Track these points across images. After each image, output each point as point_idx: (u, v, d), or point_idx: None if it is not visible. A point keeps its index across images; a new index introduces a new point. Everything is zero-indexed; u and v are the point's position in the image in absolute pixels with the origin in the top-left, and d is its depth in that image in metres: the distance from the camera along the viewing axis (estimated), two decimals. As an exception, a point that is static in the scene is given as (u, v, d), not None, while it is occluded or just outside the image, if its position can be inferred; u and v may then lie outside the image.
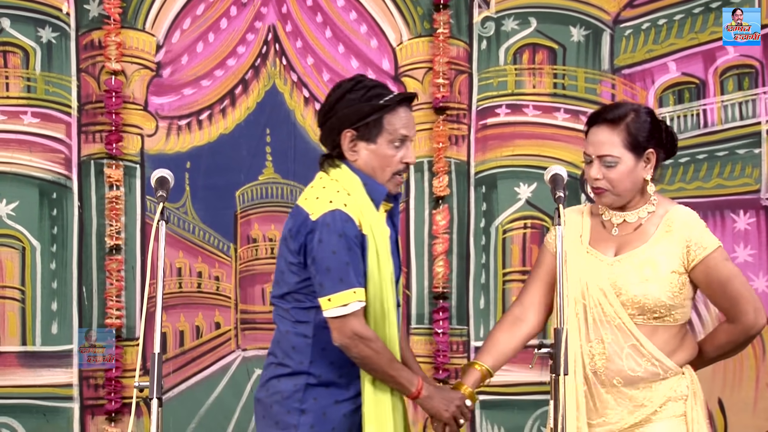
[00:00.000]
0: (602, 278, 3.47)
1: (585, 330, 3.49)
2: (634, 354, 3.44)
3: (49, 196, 5.13)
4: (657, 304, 3.43)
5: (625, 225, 3.55)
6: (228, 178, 5.18)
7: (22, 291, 5.11)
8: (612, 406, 3.47)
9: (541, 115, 5.27)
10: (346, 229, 3.42)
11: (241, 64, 5.22)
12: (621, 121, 3.48)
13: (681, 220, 3.50)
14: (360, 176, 3.52)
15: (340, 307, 3.40)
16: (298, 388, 3.52)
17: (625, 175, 3.48)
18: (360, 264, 3.43)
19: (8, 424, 5.10)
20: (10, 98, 5.12)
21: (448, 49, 5.23)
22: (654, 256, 3.46)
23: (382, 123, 3.50)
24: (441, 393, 3.56)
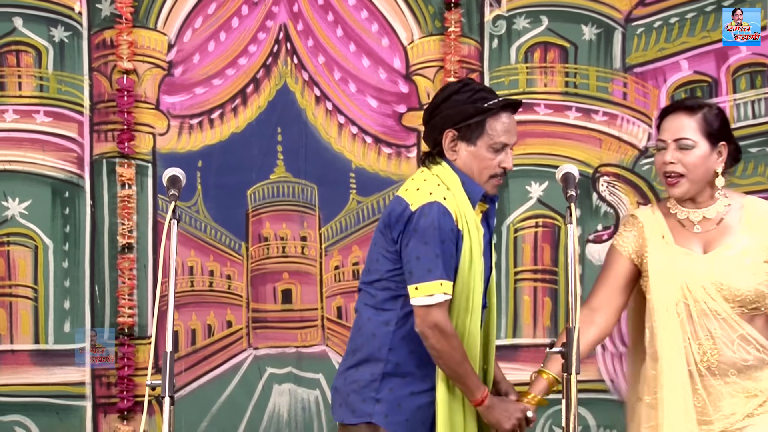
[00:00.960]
0: (701, 275, 3.48)
1: (691, 328, 3.49)
2: (743, 343, 3.46)
3: (61, 194, 5.14)
4: (757, 295, 3.46)
5: (706, 221, 3.55)
6: (239, 176, 5.19)
7: (34, 289, 5.13)
8: (726, 398, 3.48)
9: (553, 114, 5.27)
10: (442, 222, 3.47)
11: (253, 63, 5.23)
12: (699, 109, 3.51)
13: (760, 208, 3.53)
14: (459, 175, 3.57)
15: (425, 296, 3.45)
16: (375, 377, 3.57)
17: (701, 162, 3.48)
18: (451, 258, 3.48)
19: (21, 422, 5.11)
20: (22, 97, 5.13)
21: (460, 48, 5.23)
22: (745, 249, 3.49)
23: (484, 126, 3.55)
24: (503, 405, 3.60)
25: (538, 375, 3.64)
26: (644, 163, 5.28)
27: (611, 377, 5.28)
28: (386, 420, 3.56)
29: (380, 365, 3.58)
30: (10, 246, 5.11)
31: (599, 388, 5.25)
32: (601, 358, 5.27)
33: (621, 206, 5.28)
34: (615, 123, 5.29)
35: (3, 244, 5.11)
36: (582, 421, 5.21)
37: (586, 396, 5.14)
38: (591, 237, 5.29)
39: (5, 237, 5.11)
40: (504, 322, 5.24)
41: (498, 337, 5.18)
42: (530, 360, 5.21)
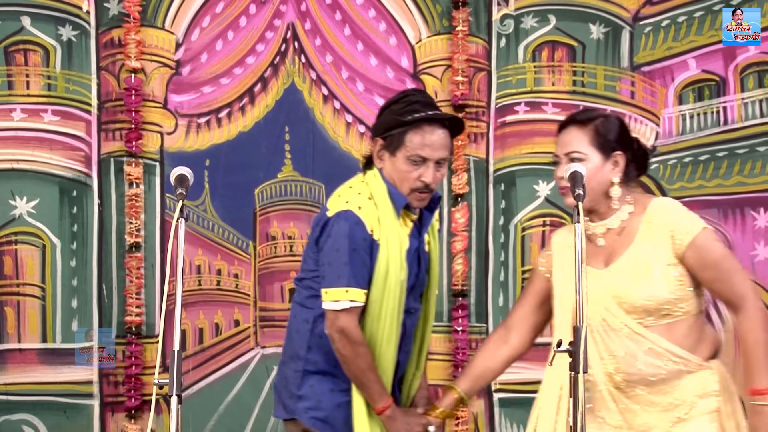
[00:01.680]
0: (600, 292, 3.46)
1: (595, 349, 3.47)
2: (651, 357, 3.42)
3: (69, 193, 5.15)
4: (660, 303, 3.41)
5: (609, 233, 3.52)
6: (247, 175, 5.19)
7: (42, 288, 5.14)
8: (644, 413, 3.45)
9: (561, 113, 5.26)
10: (353, 231, 3.52)
11: (261, 62, 5.23)
12: (590, 122, 3.50)
13: (660, 211, 3.47)
14: (386, 183, 3.61)
15: (332, 301, 3.52)
16: (298, 374, 3.65)
17: (592, 174, 3.45)
18: (362, 266, 3.52)
19: (29, 421, 5.12)
20: (30, 96, 5.14)
21: (467, 47, 5.23)
22: (644, 255, 3.44)
23: (403, 138, 3.57)
24: (405, 417, 3.63)
25: (448, 390, 3.70)
26: (652, 162, 5.26)
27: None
28: (307, 416, 3.62)
29: (301, 362, 3.65)
30: (17, 245, 5.12)
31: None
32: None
33: (629, 205, 5.27)
34: (623, 122, 5.28)
35: (11, 243, 5.12)
36: (590, 420, 5.21)
37: (592, 395, 5.13)
38: (599, 236, 5.28)
39: (13, 236, 5.12)
40: (511, 321, 5.23)
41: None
42: (537, 359, 5.15)
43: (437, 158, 3.58)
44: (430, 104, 3.63)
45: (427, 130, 3.57)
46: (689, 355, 3.44)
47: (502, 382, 5.21)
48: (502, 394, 5.23)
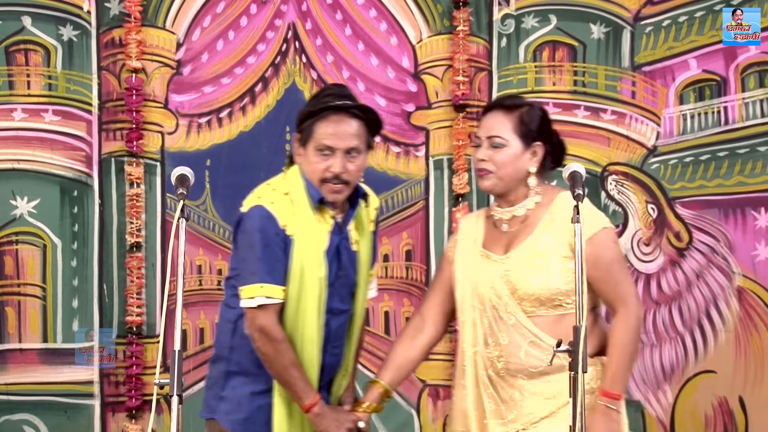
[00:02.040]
0: (495, 278, 3.48)
1: (482, 335, 3.49)
2: (533, 350, 3.43)
3: (70, 193, 5.15)
4: (552, 293, 3.42)
5: (514, 219, 3.54)
6: (248, 175, 5.19)
7: (43, 288, 5.14)
8: (521, 399, 3.46)
9: (561, 113, 5.26)
10: (265, 226, 3.49)
11: (261, 62, 5.23)
12: (516, 109, 3.52)
13: (564, 204, 3.48)
14: (304, 179, 3.58)
15: (248, 299, 3.48)
16: (221, 374, 3.62)
17: (510, 160, 3.48)
18: (276, 262, 3.48)
19: (30, 421, 5.12)
20: (31, 96, 5.14)
21: (468, 47, 5.23)
22: (542, 246, 3.46)
23: (312, 129, 3.55)
24: (333, 414, 3.58)
25: (372, 384, 3.67)
26: (653, 162, 5.27)
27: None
28: (227, 417, 3.59)
29: (224, 363, 3.62)
30: (18, 245, 5.13)
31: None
32: (610, 358, 5.26)
33: (629, 205, 5.28)
34: (623, 122, 5.28)
35: (11, 243, 5.12)
36: (590, 420, 5.20)
37: (594, 395, 5.13)
38: (599, 236, 5.27)
39: (14, 236, 5.12)
40: (512, 321, 5.23)
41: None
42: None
43: (345, 148, 3.53)
44: (344, 96, 3.60)
45: (333, 119, 3.53)
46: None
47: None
48: (502, 394, 5.23)
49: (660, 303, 5.29)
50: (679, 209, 5.28)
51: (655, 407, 5.27)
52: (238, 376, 3.59)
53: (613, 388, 3.40)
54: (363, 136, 3.57)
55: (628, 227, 5.28)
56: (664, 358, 5.28)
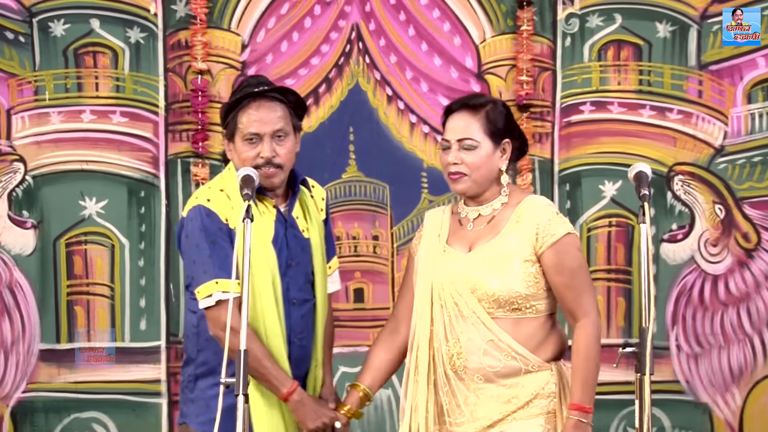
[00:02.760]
0: (456, 275, 3.46)
1: (442, 330, 3.46)
2: (492, 350, 3.41)
3: (137, 194, 5.20)
4: (512, 296, 3.40)
5: (480, 219, 3.53)
6: (311, 176, 5.16)
7: (111, 288, 5.19)
8: (477, 402, 3.44)
9: (626, 112, 5.23)
10: (207, 224, 3.50)
11: (325, 63, 5.25)
12: (481, 108, 3.50)
13: (531, 208, 3.46)
14: (238, 172, 3.55)
15: (206, 298, 3.49)
16: (190, 378, 3.64)
17: (483, 162, 3.47)
18: (227, 257, 3.47)
19: (99, 419, 5.18)
20: (99, 98, 5.20)
21: (532, 47, 5.21)
22: (505, 248, 3.43)
23: (235, 121, 3.59)
24: (313, 405, 3.57)
25: (352, 388, 3.66)
26: (720, 161, 5.21)
27: (687, 378, 5.23)
28: (197, 420, 3.60)
29: (192, 366, 3.64)
30: (87, 245, 5.19)
31: (674, 389, 5.20)
32: (677, 359, 5.22)
33: (696, 205, 5.23)
34: (690, 121, 5.23)
35: (80, 243, 5.19)
36: (656, 422, 5.16)
37: (660, 397, 5.09)
38: (665, 236, 5.24)
39: (83, 236, 5.18)
40: (577, 321, 5.20)
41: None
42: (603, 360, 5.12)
43: (270, 132, 3.57)
44: (260, 83, 3.63)
45: (253, 106, 3.57)
46: (530, 354, 3.42)
47: (567, 383, 5.18)
48: (567, 395, 5.20)
49: (728, 304, 5.23)
50: (747, 210, 5.22)
51: (723, 410, 5.22)
52: (205, 378, 3.61)
53: (583, 402, 3.39)
54: (287, 117, 3.62)
55: (695, 228, 5.23)
56: (732, 360, 5.22)
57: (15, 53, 5.15)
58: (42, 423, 5.16)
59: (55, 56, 5.17)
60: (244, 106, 3.58)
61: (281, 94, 3.63)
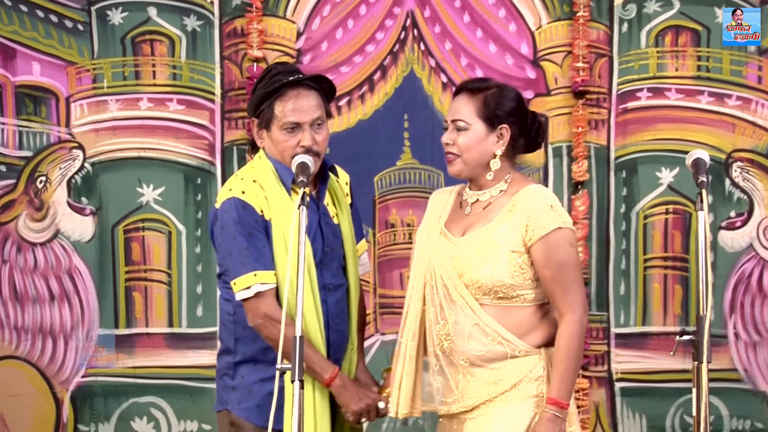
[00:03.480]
0: (446, 259, 3.45)
1: (434, 311, 3.46)
2: (478, 334, 3.40)
3: (193, 181, 5.24)
4: (495, 285, 3.38)
5: (478, 204, 3.51)
6: (366, 163, 5.22)
7: (168, 274, 5.24)
8: (464, 383, 3.43)
9: (684, 99, 5.18)
10: (242, 216, 3.51)
11: (380, 50, 5.25)
12: (480, 92, 3.48)
13: (526, 198, 3.42)
14: (272, 162, 3.60)
15: (244, 290, 3.50)
16: (229, 366, 3.66)
17: (473, 144, 3.45)
18: (263, 248, 3.50)
19: (156, 404, 5.24)
20: (156, 86, 5.24)
21: (588, 33, 5.18)
22: (494, 236, 3.41)
23: (272, 110, 3.58)
24: (356, 387, 3.59)
25: (389, 372, 3.66)
26: (780, 148, 5.17)
27: (745, 366, 5.19)
28: (239, 407, 3.61)
29: (231, 355, 3.65)
30: (145, 231, 5.24)
31: (732, 377, 5.16)
32: (734, 347, 5.18)
33: (755, 192, 5.17)
34: (749, 107, 5.18)
35: (138, 229, 5.24)
36: (714, 410, 5.13)
37: (718, 385, 5.06)
38: (723, 224, 5.19)
39: (140, 222, 5.24)
40: (633, 309, 5.18)
41: (627, 325, 5.16)
42: (660, 348, 5.15)
43: (310, 120, 3.57)
44: (292, 71, 3.63)
45: (291, 95, 3.57)
46: (516, 340, 3.40)
47: (623, 371, 5.17)
48: (623, 383, 5.18)
49: (787, 292, 5.19)
50: (808, 197, 5.17)
51: (781, 398, 5.18)
52: (246, 365, 3.63)
53: (561, 397, 3.35)
54: (322, 105, 3.63)
55: (753, 215, 5.18)
56: (791, 348, 5.18)
57: (74, 41, 5.21)
58: (101, 407, 5.23)
59: (113, 44, 5.22)
60: (281, 94, 3.59)
61: (315, 81, 3.65)
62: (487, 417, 3.41)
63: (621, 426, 5.20)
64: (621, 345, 5.19)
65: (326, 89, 3.68)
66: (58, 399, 5.21)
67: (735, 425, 5.20)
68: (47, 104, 5.21)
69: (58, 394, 5.21)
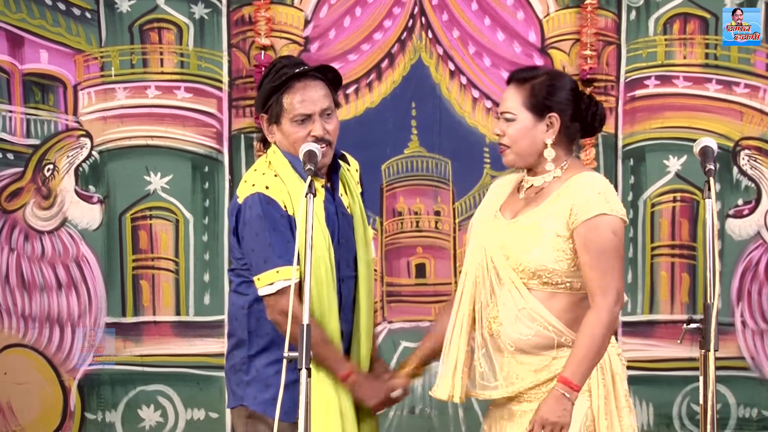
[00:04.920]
0: (496, 241, 3.46)
1: (485, 294, 3.46)
2: (524, 318, 3.38)
3: (201, 169, 5.25)
4: (538, 269, 3.37)
5: (532, 189, 3.51)
6: (374, 151, 5.22)
7: (175, 262, 5.25)
8: (508, 368, 3.42)
9: (692, 87, 5.17)
10: (267, 211, 3.51)
11: (388, 38, 5.25)
12: (527, 81, 3.47)
13: (576, 183, 3.41)
14: (286, 156, 3.60)
15: (266, 286, 3.51)
16: (243, 360, 3.65)
17: (522, 134, 3.45)
18: (287, 243, 3.49)
19: (164, 392, 5.25)
20: (164, 74, 5.24)
21: (596, 20, 5.17)
22: (541, 220, 3.40)
23: (281, 103, 3.58)
24: (369, 383, 3.61)
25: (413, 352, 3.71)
26: (792, 136, 5.17)
27: (752, 354, 5.19)
28: (255, 401, 3.61)
29: (245, 348, 3.64)
30: (152, 219, 5.25)
31: (739, 365, 5.16)
32: (742, 336, 5.18)
33: (763, 180, 5.17)
34: (757, 95, 5.17)
35: (146, 217, 5.24)
36: (721, 398, 5.13)
37: (725, 373, 5.06)
38: (731, 212, 5.19)
39: (148, 211, 5.24)
40: (640, 297, 5.18)
41: (634, 313, 5.16)
42: (667, 336, 5.15)
43: (319, 110, 3.58)
44: (297, 64, 3.64)
45: (299, 87, 3.57)
46: (563, 326, 3.38)
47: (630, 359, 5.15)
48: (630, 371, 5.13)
49: (795, 281, 5.19)
50: (816, 185, 5.16)
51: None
52: (260, 358, 3.63)
53: (573, 378, 3.31)
54: (330, 95, 3.64)
55: (761, 203, 5.17)
56: (802, 335, 5.18)
57: (81, 29, 5.21)
58: (108, 395, 5.24)
59: (121, 32, 5.22)
60: (288, 87, 3.59)
61: (321, 72, 3.66)
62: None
63: (628, 414, 5.19)
64: (628, 333, 5.19)
65: (332, 79, 3.69)
66: (66, 387, 5.22)
67: (742, 413, 5.20)
68: (55, 92, 5.22)
69: (65, 382, 5.22)
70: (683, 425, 5.20)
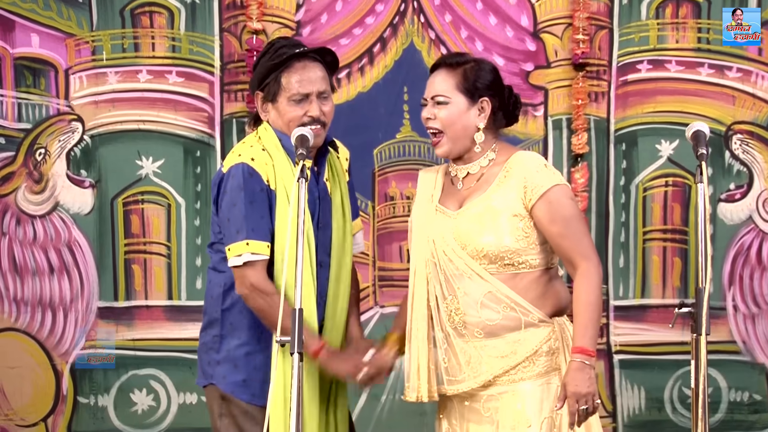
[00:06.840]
0: (447, 233, 3.47)
1: (439, 287, 3.47)
2: (490, 302, 3.41)
3: (193, 153, 5.24)
4: (501, 251, 3.40)
5: (469, 177, 3.53)
6: (366, 136, 5.22)
7: (167, 247, 5.25)
8: (479, 359, 3.43)
9: (684, 71, 5.17)
10: (248, 183, 3.51)
11: (380, 22, 5.24)
12: (459, 66, 3.51)
13: (519, 163, 3.45)
14: (277, 133, 3.61)
15: (235, 257, 3.50)
16: (215, 339, 3.64)
17: (455, 118, 3.48)
18: (261, 218, 3.50)
19: (156, 376, 5.25)
20: (155, 58, 5.23)
21: (589, 5, 5.16)
22: (493, 204, 3.43)
23: (280, 82, 3.59)
24: (343, 354, 3.60)
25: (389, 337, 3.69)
26: (781, 120, 5.17)
27: (743, 338, 5.20)
28: (224, 381, 3.61)
29: (217, 327, 3.64)
30: (144, 204, 5.24)
31: (731, 349, 5.18)
32: (733, 319, 5.19)
33: (755, 165, 5.17)
34: (749, 79, 5.17)
35: (138, 202, 5.24)
36: (712, 382, 5.15)
37: (716, 357, 5.07)
38: (723, 196, 5.19)
39: (139, 195, 5.24)
40: (632, 282, 5.18)
41: (626, 297, 5.17)
42: (659, 321, 5.16)
43: (317, 91, 3.60)
44: (296, 45, 3.66)
45: (298, 66, 3.59)
46: (529, 305, 3.41)
47: (622, 343, 5.18)
48: (622, 355, 5.19)
49: (786, 265, 5.19)
50: (808, 169, 5.17)
51: (779, 370, 5.20)
52: (231, 338, 3.62)
53: (586, 345, 3.34)
54: (327, 78, 3.66)
55: (753, 187, 5.18)
56: (790, 320, 5.19)
57: (73, 13, 5.20)
58: (100, 379, 5.24)
59: (112, 16, 5.20)
60: (287, 66, 3.60)
61: (320, 54, 3.67)
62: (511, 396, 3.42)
63: (619, 398, 5.21)
64: (620, 317, 5.20)
65: (330, 62, 3.70)
66: (58, 371, 5.22)
67: (733, 397, 5.21)
68: (46, 76, 5.20)
69: (57, 366, 5.22)
70: (675, 409, 5.22)
